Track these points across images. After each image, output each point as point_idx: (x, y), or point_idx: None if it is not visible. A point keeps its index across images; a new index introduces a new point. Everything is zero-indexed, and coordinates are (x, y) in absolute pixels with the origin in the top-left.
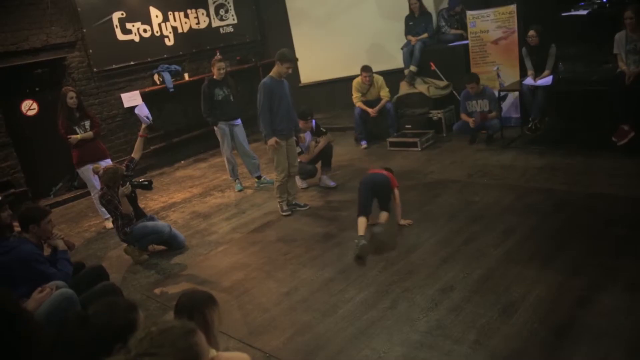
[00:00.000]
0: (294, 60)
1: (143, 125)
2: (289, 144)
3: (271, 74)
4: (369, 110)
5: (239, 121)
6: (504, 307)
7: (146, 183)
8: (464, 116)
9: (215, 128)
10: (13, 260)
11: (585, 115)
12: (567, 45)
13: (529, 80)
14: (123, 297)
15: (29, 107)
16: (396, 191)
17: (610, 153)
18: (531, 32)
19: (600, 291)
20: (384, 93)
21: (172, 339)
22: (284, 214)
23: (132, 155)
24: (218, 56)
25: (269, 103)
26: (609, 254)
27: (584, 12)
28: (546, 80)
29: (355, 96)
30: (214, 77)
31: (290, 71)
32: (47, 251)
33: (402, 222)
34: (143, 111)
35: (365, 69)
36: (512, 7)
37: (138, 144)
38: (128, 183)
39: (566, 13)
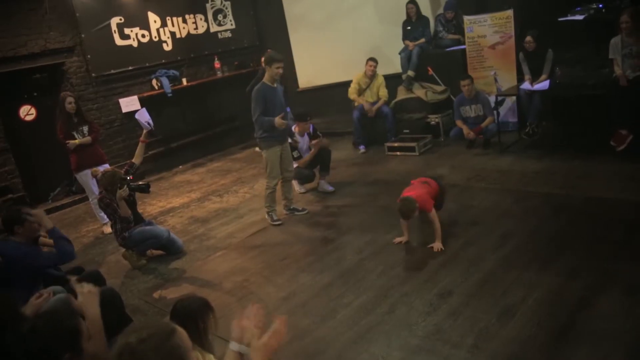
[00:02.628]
0: (282, 59)
1: (144, 131)
2: (283, 149)
3: (264, 80)
4: (368, 108)
5: (288, 109)
6: (502, 311)
7: (144, 186)
8: (459, 123)
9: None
10: (6, 263)
11: (582, 119)
12: (563, 50)
13: (526, 85)
14: (122, 302)
15: (27, 112)
16: (430, 215)
17: (607, 157)
18: (528, 38)
19: (599, 294)
20: (382, 93)
21: (153, 346)
22: (274, 223)
23: (133, 160)
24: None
25: (262, 107)
26: (607, 257)
27: (581, 17)
28: (543, 84)
29: (353, 87)
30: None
31: (281, 71)
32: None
33: (435, 245)
34: (144, 117)
35: (373, 59)
36: (509, 12)
37: (139, 149)
38: (125, 186)
39: (563, 18)
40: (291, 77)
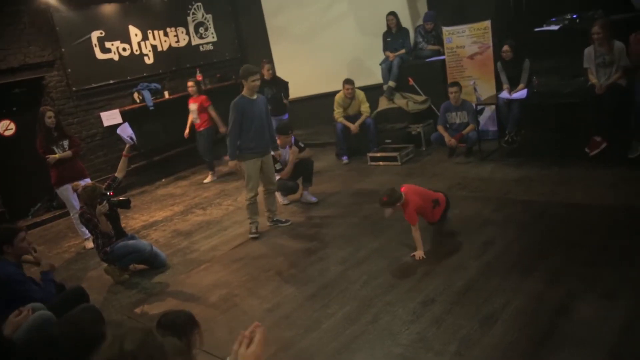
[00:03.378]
0: (258, 71)
1: (127, 145)
2: (264, 162)
3: (243, 92)
4: (351, 126)
5: (286, 116)
6: (484, 318)
7: (124, 201)
8: (440, 129)
9: None
10: None
11: (559, 127)
12: (540, 60)
13: (504, 94)
14: (102, 319)
15: (7, 127)
16: (412, 227)
17: (585, 163)
18: (505, 47)
19: (579, 300)
20: (364, 108)
21: (137, 341)
22: (251, 236)
23: (116, 174)
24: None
25: (239, 122)
26: (586, 262)
27: (556, 28)
28: (521, 93)
29: (337, 112)
30: (264, 77)
31: (258, 83)
32: (35, 274)
33: (417, 254)
34: (126, 131)
35: (348, 81)
36: (487, 23)
37: (122, 163)
38: (105, 201)
39: (538, 28)
40: None
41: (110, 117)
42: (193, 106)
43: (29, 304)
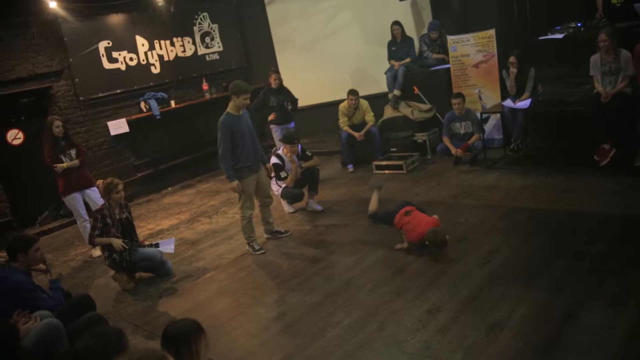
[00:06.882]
0: (250, 89)
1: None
2: (259, 177)
3: (228, 110)
4: (356, 134)
5: (292, 124)
6: (490, 326)
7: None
8: (446, 140)
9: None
10: (3, 291)
11: (565, 135)
12: (545, 68)
13: (508, 103)
14: (109, 326)
15: (15, 136)
16: None
17: (590, 171)
18: (512, 59)
19: (584, 308)
20: (369, 117)
21: None
22: (257, 253)
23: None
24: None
25: (230, 142)
26: (591, 271)
27: (560, 36)
28: (524, 103)
29: (342, 120)
30: (272, 86)
31: (248, 102)
32: (42, 281)
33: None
34: (169, 247)
35: (352, 92)
36: (491, 32)
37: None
38: (133, 245)
39: (543, 37)
40: None
41: (117, 126)
42: None
43: (37, 312)
